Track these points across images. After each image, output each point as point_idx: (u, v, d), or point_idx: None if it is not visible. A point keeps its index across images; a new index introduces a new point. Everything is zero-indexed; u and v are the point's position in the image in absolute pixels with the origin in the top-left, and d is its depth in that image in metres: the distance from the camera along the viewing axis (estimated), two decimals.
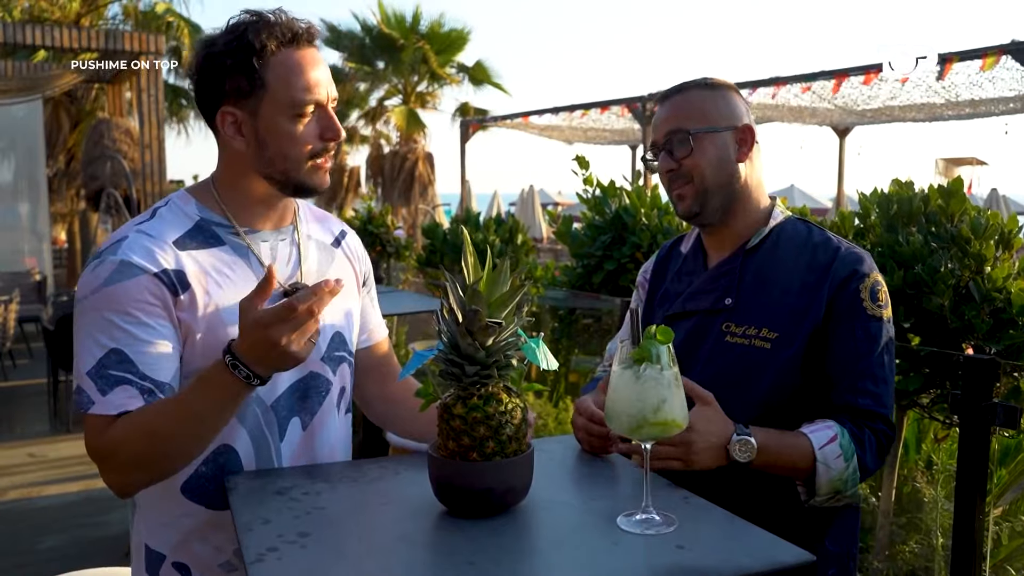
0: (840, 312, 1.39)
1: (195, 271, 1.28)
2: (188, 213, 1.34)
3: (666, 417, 1.09)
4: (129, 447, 1.20)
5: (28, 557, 3.78)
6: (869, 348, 1.39)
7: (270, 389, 1.33)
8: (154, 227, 1.29)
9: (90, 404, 1.21)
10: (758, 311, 1.44)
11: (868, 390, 1.38)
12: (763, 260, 1.48)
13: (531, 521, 1.13)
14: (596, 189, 3.28)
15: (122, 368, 1.21)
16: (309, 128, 1.30)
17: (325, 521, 1.13)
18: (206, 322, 1.27)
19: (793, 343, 1.39)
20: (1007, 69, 6.59)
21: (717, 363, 1.44)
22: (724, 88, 1.52)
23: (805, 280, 1.42)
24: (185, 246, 1.29)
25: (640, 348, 1.10)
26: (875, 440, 1.38)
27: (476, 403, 1.12)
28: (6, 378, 7.93)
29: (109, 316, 1.22)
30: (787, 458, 1.33)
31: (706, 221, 1.50)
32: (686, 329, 1.50)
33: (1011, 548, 2.36)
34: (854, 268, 1.41)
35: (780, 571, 0.99)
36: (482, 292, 1.09)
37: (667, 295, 1.59)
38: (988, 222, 1.93)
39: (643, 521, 1.09)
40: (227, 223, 1.35)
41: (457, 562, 1.00)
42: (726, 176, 1.47)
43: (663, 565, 1.00)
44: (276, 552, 1.03)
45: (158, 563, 1.35)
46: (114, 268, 1.23)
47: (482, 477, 1.11)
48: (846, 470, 1.34)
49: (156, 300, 1.24)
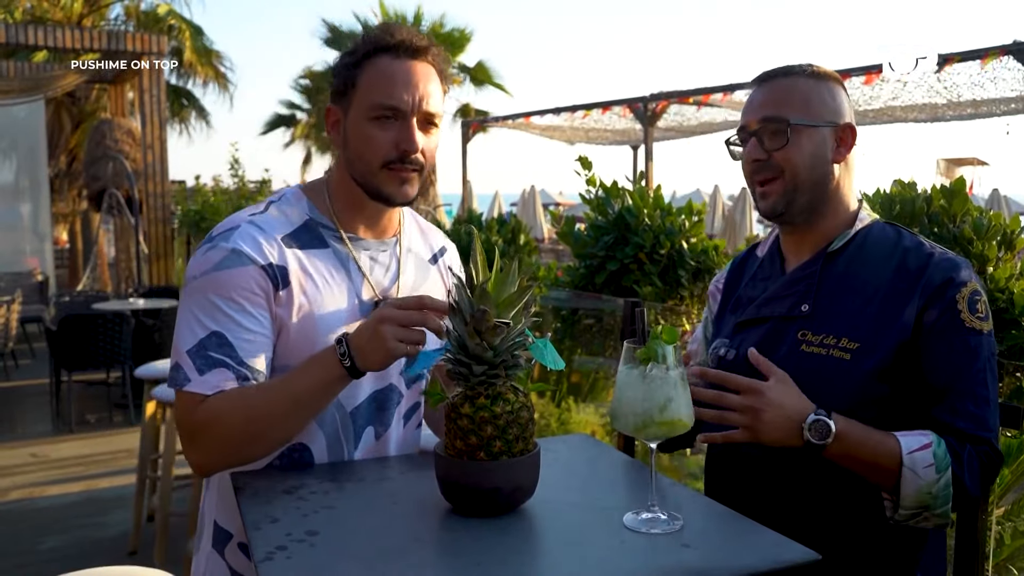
0: (934, 324, 1.27)
1: (296, 269, 1.31)
2: (299, 211, 1.38)
3: (672, 416, 1.10)
4: (224, 422, 1.23)
5: (29, 557, 3.79)
6: (968, 364, 1.26)
7: (351, 396, 1.36)
8: (266, 221, 1.33)
9: (186, 381, 1.25)
10: (837, 319, 1.32)
11: (969, 411, 1.25)
12: (846, 265, 1.36)
13: (537, 520, 1.14)
14: (599, 189, 3.29)
15: (222, 351, 1.25)
16: (386, 134, 1.31)
17: (333, 520, 1.13)
18: (299, 322, 1.31)
19: (876, 354, 1.28)
20: (1008, 69, 6.60)
21: (791, 374, 1.29)
22: (831, 80, 1.39)
23: (894, 286, 1.30)
24: (291, 244, 1.33)
25: (646, 348, 1.10)
26: (977, 460, 1.24)
27: (483, 403, 1.12)
28: (8, 378, 7.94)
29: (215, 299, 1.26)
30: (869, 452, 1.22)
31: (789, 220, 1.39)
32: (758, 336, 1.40)
33: (1013, 548, 2.37)
34: (950, 275, 1.28)
35: (786, 570, 1.00)
36: (490, 292, 1.09)
37: (740, 301, 1.49)
38: (990, 223, 1.94)
39: (649, 520, 1.09)
40: (333, 227, 1.38)
41: (465, 563, 1.01)
42: (819, 175, 1.36)
43: (669, 564, 1.00)
44: (285, 551, 1.03)
45: (225, 540, 1.39)
46: (225, 255, 1.27)
47: (489, 476, 1.12)
48: (937, 482, 1.21)
49: (260, 291, 1.28)
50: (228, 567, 1.38)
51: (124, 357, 6.23)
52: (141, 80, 8.59)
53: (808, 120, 1.35)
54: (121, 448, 5.63)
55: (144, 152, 8.67)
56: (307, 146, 18.42)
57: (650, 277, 2.99)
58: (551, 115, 11.26)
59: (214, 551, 1.40)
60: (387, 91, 1.30)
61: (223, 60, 14.37)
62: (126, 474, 5.03)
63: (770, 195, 1.37)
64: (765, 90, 1.39)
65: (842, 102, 1.39)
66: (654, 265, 3.02)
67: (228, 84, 14.44)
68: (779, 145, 1.35)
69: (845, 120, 1.38)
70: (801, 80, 1.37)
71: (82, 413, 6.45)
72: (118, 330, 6.16)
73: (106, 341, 6.15)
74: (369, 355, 1.20)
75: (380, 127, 1.31)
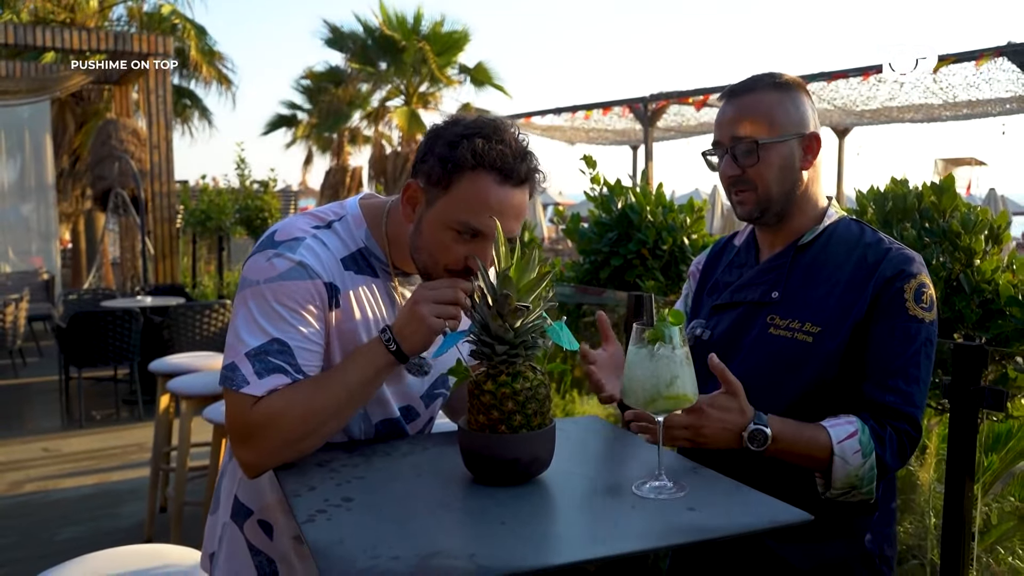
0: (882, 310, 1.40)
1: (347, 292, 1.37)
2: (356, 237, 1.41)
3: (678, 392, 1.20)
4: (282, 420, 1.27)
5: (49, 547, 3.89)
6: (905, 347, 1.39)
7: (379, 409, 1.45)
8: (330, 239, 1.38)
9: (244, 384, 1.27)
10: (803, 306, 1.45)
11: (899, 388, 1.38)
12: (813, 257, 1.49)
13: (554, 488, 1.23)
14: (603, 188, 3.39)
15: (282, 358, 1.29)
16: (462, 247, 1.31)
17: (365, 488, 1.23)
18: (340, 342, 1.37)
19: (836, 338, 1.41)
20: (1003, 71, 6.70)
21: (758, 353, 1.47)
22: (794, 89, 1.49)
23: (853, 277, 1.43)
24: (347, 267, 1.38)
25: (654, 329, 1.20)
26: (897, 439, 1.38)
27: (505, 380, 1.22)
28: (16, 375, 8.03)
29: (278, 308, 1.30)
30: (803, 447, 1.36)
31: (764, 223, 1.53)
32: (732, 319, 1.54)
33: (1002, 530, 2.47)
34: (901, 268, 1.41)
35: (780, 528, 1.11)
36: (512, 278, 1.19)
37: (717, 285, 1.62)
38: (978, 218, 2.04)
39: (657, 487, 1.18)
40: (384, 260, 1.43)
41: (490, 521, 1.11)
42: (789, 184, 1.47)
43: (676, 523, 1.10)
44: (325, 513, 1.13)
45: (245, 516, 1.47)
46: (292, 266, 1.32)
47: (509, 448, 1.21)
48: (863, 466, 1.35)
49: (320, 306, 1.34)
50: (246, 539, 1.46)
51: (133, 354, 6.32)
52: (147, 81, 8.68)
53: (775, 137, 1.45)
54: (131, 443, 5.73)
55: (150, 152, 8.76)
56: (308, 146, 18.51)
57: (652, 272, 3.09)
58: (552, 115, 11.37)
59: (232, 522, 1.48)
60: (480, 216, 1.28)
61: (226, 61, 14.47)
62: (137, 468, 5.13)
63: (746, 203, 1.49)
64: (733, 106, 1.48)
65: (806, 111, 1.48)
66: (656, 260, 3.12)
67: (231, 84, 14.53)
68: (751, 163, 1.46)
69: (810, 129, 1.48)
70: (766, 94, 1.46)
71: (91, 409, 6.54)
72: (128, 327, 6.25)
73: (116, 338, 6.24)
74: (411, 336, 1.29)
75: (459, 240, 1.31)
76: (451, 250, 1.32)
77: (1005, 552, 2.33)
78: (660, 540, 1.09)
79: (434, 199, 1.32)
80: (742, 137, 1.46)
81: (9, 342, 7.92)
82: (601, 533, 1.10)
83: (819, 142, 1.49)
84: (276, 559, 1.46)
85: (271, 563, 1.46)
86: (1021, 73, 6.33)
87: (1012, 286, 1.98)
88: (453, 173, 1.29)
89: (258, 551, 1.46)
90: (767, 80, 1.48)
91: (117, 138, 9.36)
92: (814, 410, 1.42)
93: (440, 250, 1.33)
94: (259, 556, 1.46)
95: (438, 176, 1.30)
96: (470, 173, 1.28)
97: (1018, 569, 2.23)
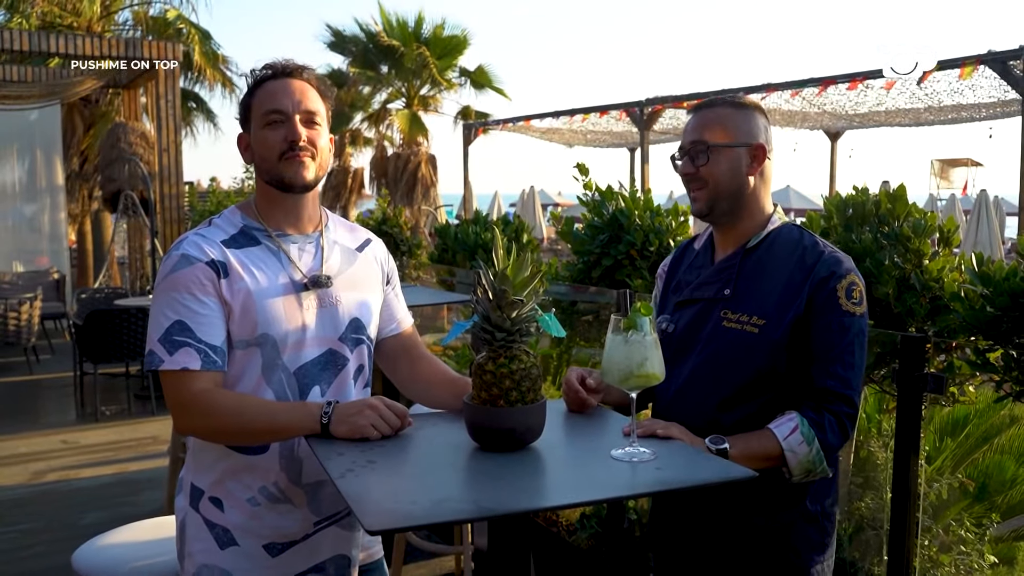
0: (818, 306, 1.61)
1: (235, 263, 1.62)
2: (234, 222, 1.70)
3: (648, 371, 1.44)
4: (218, 417, 1.56)
5: (74, 531, 4.11)
6: (841, 338, 1.61)
7: (295, 358, 1.65)
8: (209, 231, 1.66)
9: (160, 363, 1.55)
10: (751, 301, 1.67)
11: (837, 373, 1.60)
12: (759, 258, 1.70)
13: (544, 453, 1.47)
14: (595, 193, 3.63)
15: (184, 335, 1.56)
16: (277, 133, 1.63)
17: (385, 453, 1.46)
18: (241, 302, 1.61)
19: (778, 330, 1.62)
20: (986, 78, 6.93)
21: (714, 344, 1.69)
22: (749, 108, 1.72)
23: (792, 277, 1.64)
24: (230, 245, 1.64)
25: (628, 319, 1.44)
26: (835, 420, 1.59)
27: (503, 362, 1.46)
28: (31, 372, 8.27)
29: (173, 295, 1.58)
30: (760, 454, 1.57)
31: (714, 220, 1.75)
32: (691, 314, 1.75)
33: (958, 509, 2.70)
34: (833, 269, 1.62)
35: (731, 482, 1.34)
36: (509, 276, 1.43)
37: (679, 284, 1.83)
38: (926, 223, 2.28)
39: (631, 452, 1.42)
40: (262, 228, 1.69)
41: (493, 475, 1.35)
42: (736, 186, 1.69)
43: (645, 478, 1.35)
44: (353, 472, 1.36)
45: (199, 497, 1.69)
46: (176, 260, 1.60)
47: (507, 419, 1.45)
48: (810, 452, 1.57)
49: (207, 282, 1.58)
50: (202, 519, 1.67)
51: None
52: (157, 85, 8.89)
53: (725, 142, 1.68)
54: (146, 435, 5.97)
55: (160, 155, 8.98)
56: None
57: (641, 271, 3.32)
58: (550, 118, 11.59)
59: (190, 508, 1.69)
60: (271, 101, 1.64)
61: (230, 64, 14.69)
62: (153, 459, 5.37)
63: (699, 200, 1.73)
64: (696, 118, 1.74)
65: (757, 126, 1.71)
66: (644, 260, 3.35)
67: (235, 88, 14.75)
68: (703, 163, 1.69)
69: (758, 141, 1.70)
70: (723, 109, 1.71)
71: (104, 404, 6.77)
72: (142, 324, 6.49)
73: (130, 335, 6.48)
74: (343, 423, 1.51)
75: (272, 130, 1.63)
76: (271, 139, 1.63)
77: (956, 525, 2.56)
78: (630, 490, 1.34)
79: (248, 125, 1.69)
80: (698, 141, 1.70)
81: (24, 340, 8.16)
82: (583, 485, 1.34)
83: (764, 152, 1.70)
84: (230, 527, 1.67)
85: (226, 532, 1.67)
86: (1003, 80, 6.55)
87: (957, 284, 2.22)
88: (249, 98, 1.68)
89: (213, 524, 1.66)
90: (728, 99, 1.74)
91: (126, 141, 9.56)
92: (763, 392, 1.65)
93: (266, 146, 1.64)
94: (215, 528, 1.66)
95: (244, 111, 1.70)
96: (257, 89, 1.67)
97: (965, 539, 2.47)
